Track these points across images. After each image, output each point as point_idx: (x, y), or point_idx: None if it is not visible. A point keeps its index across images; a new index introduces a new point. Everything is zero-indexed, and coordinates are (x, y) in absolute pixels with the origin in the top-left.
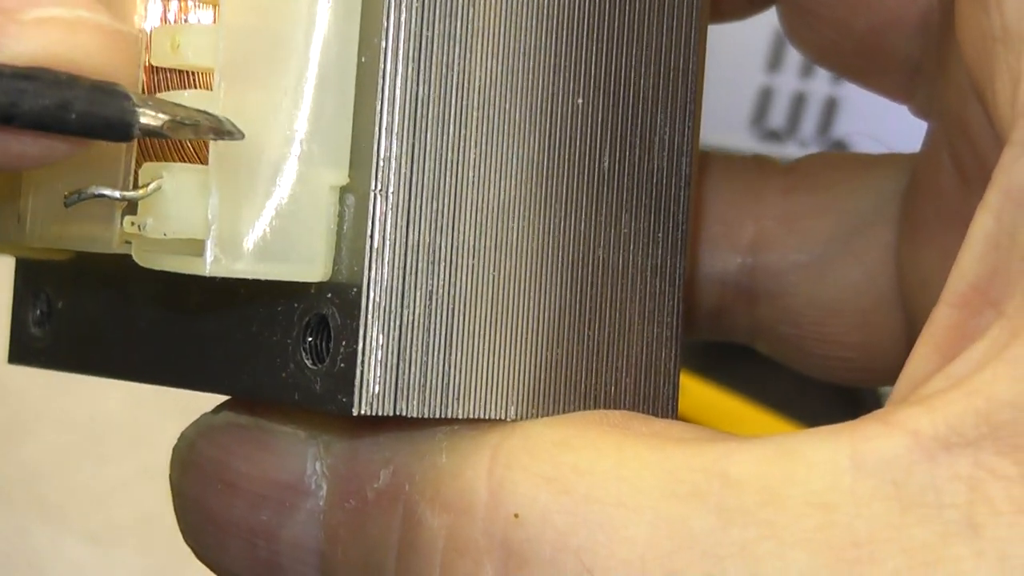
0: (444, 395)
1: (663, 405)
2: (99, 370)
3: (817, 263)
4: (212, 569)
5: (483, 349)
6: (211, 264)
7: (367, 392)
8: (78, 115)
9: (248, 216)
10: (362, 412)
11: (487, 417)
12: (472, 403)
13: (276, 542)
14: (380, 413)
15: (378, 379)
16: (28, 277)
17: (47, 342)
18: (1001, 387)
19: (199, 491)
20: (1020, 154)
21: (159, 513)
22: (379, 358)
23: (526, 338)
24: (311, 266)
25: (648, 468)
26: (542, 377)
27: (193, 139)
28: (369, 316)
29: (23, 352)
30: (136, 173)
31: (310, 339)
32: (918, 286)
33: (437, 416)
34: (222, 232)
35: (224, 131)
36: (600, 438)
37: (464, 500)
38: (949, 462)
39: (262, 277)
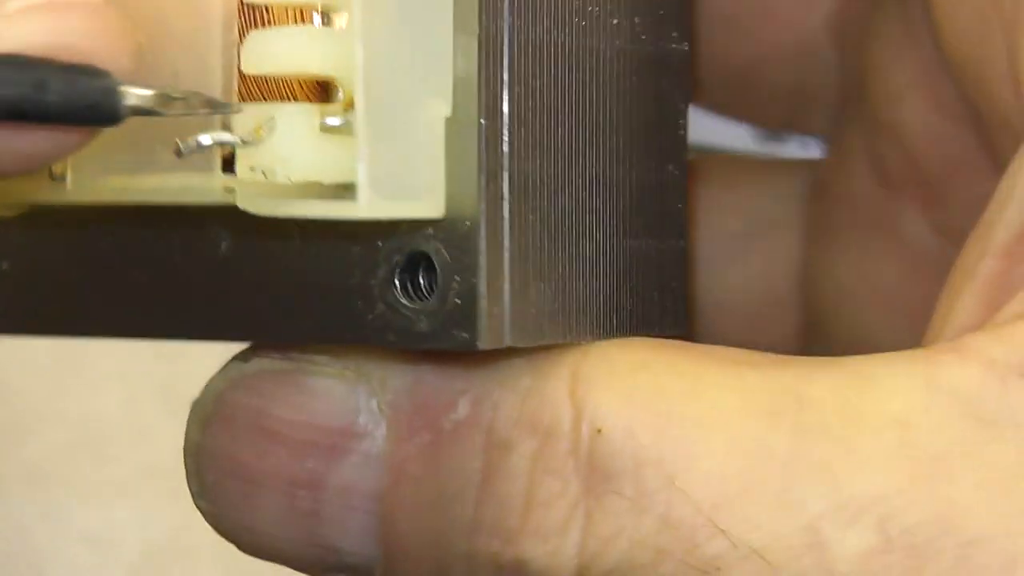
0: (538, 323)
1: (675, 322)
2: (77, 329)
3: (715, 260)
4: (232, 532)
5: (572, 275)
6: (367, 206)
7: (490, 326)
8: (57, 97)
9: (382, 155)
10: (485, 347)
11: (574, 341)
12: (565, 329)
13: (322, 490)
14: (500, 346)
15: (498, 312)
16: None
17: None
18: None
19: (228, 444)
20: None
21: (159, 513)
22: (497, 290)
23: (601, 264)
24: (434, 202)
25: (724, 388)
26: (610, 303)
27: (187, 113)
28: (487, 248)
29: None
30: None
31: (402, 278)
32: (833, 293)
33: (543, 343)
34: (371, 169)
35: (217, 106)
36: (674, 360)
37: (549, 420)
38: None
39: (397, 216)
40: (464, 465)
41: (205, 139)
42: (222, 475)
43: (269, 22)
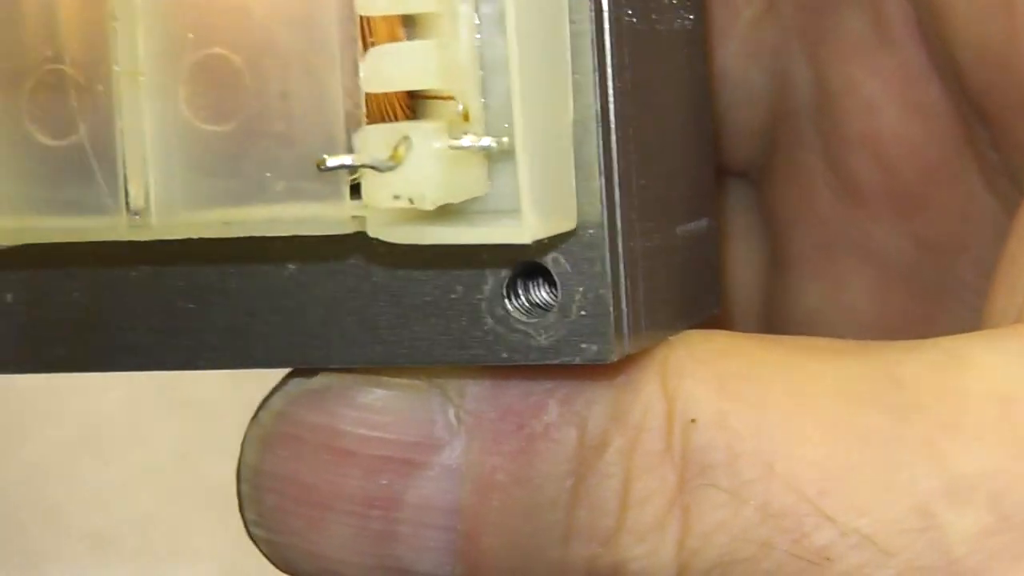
0: (650, 324)
1: (715, 302)
2: (111, 364)
3: None
4: (293, 562)
5: (659, 270)
6: (531, 230)
7: (619, 335)
8: None
9: (537, 173)
10: (617, 358)
11: (668, 335)
12: (662, 325)
13: (398, 508)
14: (624, 355)
15: (624, 321)
16: None
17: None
18: None
19: (292, 466)
20: None
21: (159, 513)
22: (619, 299)
23: (675, 254)
24: (571, 215)
25: (815, 375)
26: (683, 291)
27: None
28: (611, 256)
29: None
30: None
31: (516, 292)
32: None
33: (650, 345)
34: (531, 192)
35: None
36: (760, 349)
37: (642, 413)
38: None
39: (548, 235)
40: (556, 469)
41: (347, 160)
42: (285, 500)
43: (368, 35)
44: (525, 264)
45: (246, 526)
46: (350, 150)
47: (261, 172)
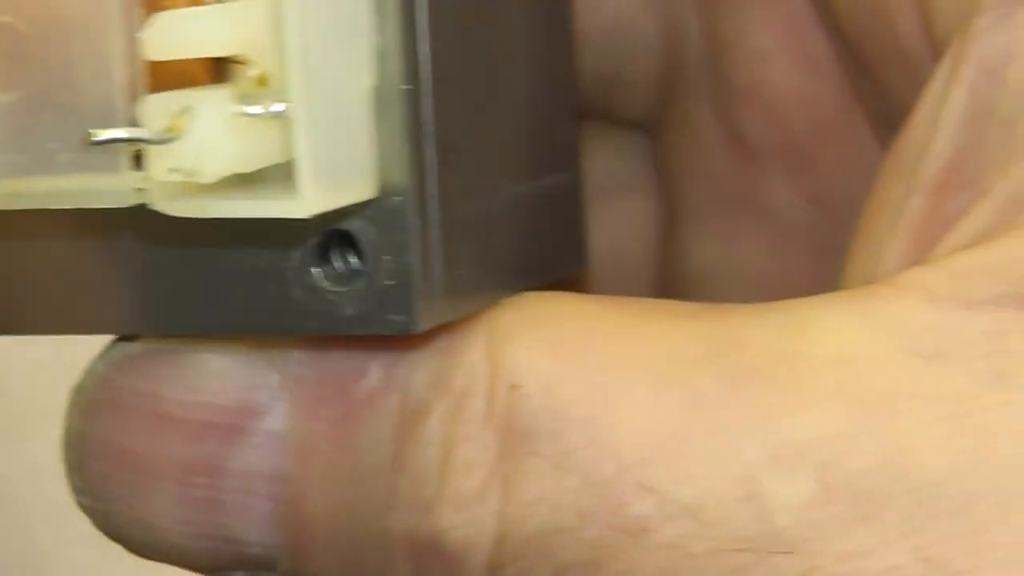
0: (474, 289)
1: (578, 258)
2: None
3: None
4: (120, 530)
5: (490, 233)
6: (311, 204)
7: (427, 306)
8: None
9: (320, 143)
10: (423, 329)
11: (498, 300)
12: (490, 289)
13: (220, 475)
14: (437, 323)
15: (431, 290)
16: None
17: None
18: (1017, 248)
19: (116, 433)
20: (991, 23)
21: None
22: (430, 267)
23: (513, 215)
24: (367, 185)
25: (653, 336)
26: (522, 252)
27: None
28: (420, 224)
29: None
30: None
31: (324, 260)
32: (692, 275)
33: (474, 311)
34: (312, 163)
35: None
36: (599, 309)
37: (465, 378)
38: (968, 318)
39: (334, 207)
40: (378, 435)
41: (119, 133)
42: (110, 466)
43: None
44: (332, 232)
45: (74, 495)
46: (133, 121)
47: (45, 143)
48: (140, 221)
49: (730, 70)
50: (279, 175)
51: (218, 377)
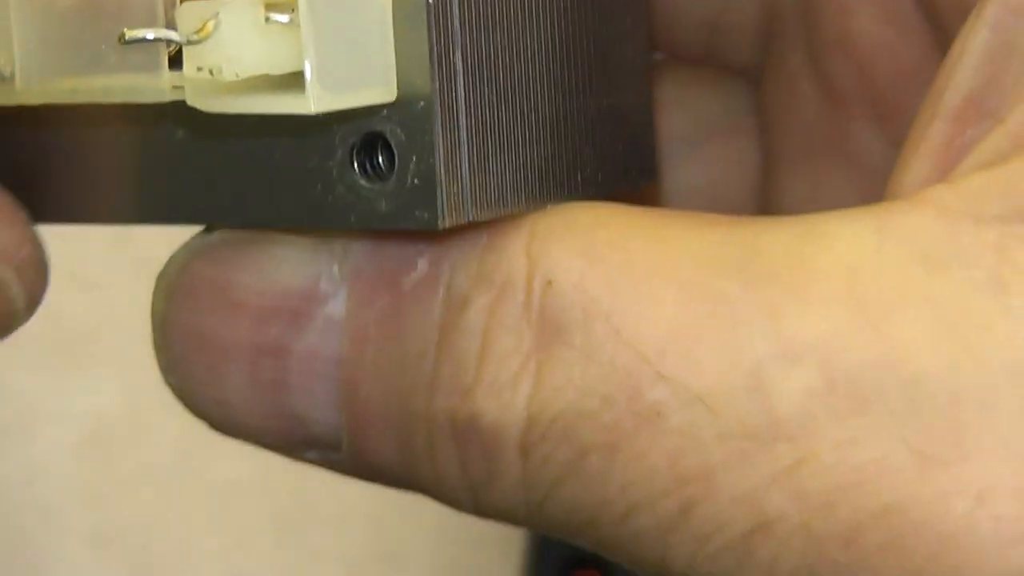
0: (500, 195)
1: (648, 171)
2: (42, 217)
3: (664, 163)
4: (202, 407)
5: (533, 142)
6: (315, 101)
7: (450, 204)
8: None
9: (330, 45)
10: (446, 225)
11: (539, 207)
12: (529, 195)
13: (286, 357)
14: (463, 222)
15: (457, 190)
16: None
17: None
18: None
19: (193, 316)
20: None
21: (159, 513)
22: (456, 168)
23: (564, 127)
24: (386, 87)
25: (681, 242)
26: (574, 163)
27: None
28: (443, 128)
29: None
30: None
31: (361, 160)
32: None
33: (507, 214)
34: (317, 65)
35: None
36: (634, 218)
37: (504, 273)
38: (976, 231)
39: (346, 107)
40: (425, 323)
41: (149, 34)
42: (188, 347)
43: None
44: (371, 134)
45: (162, 374)
46: (172, 25)
47: (98, 44)
48: (194, 121)
49: (821, 22)
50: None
51: (285, 266)
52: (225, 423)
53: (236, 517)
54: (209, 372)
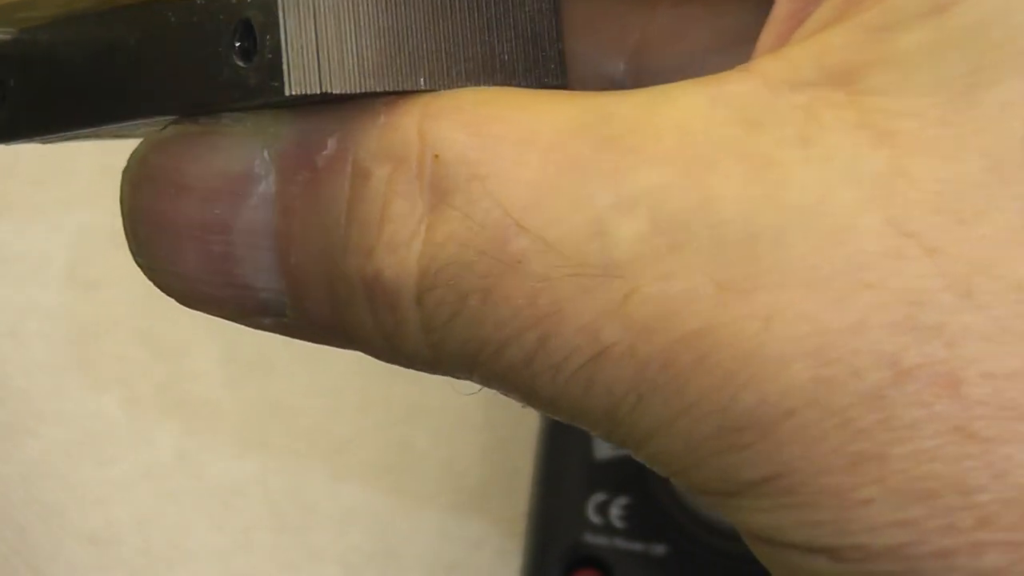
0: (361, 71)
1: (553, 71)
2: (50, 129)
3: (695, 73)
4: (166, 283)
5: (391, 25)
6: None
7: (294, 74)
8: None
9: None
10: (292, 92)
11: (401, 89)
12: (387, 76)
13: (230, 232)
14: (308, 91)
15: (301, 62)
16: None
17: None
18: (836, 39)
19: (151, 201)
20: None
21: (159, 513)
22: (299, 43)
23: (427, 14)
24: None
25: (548, 114)
26: (444, 50)
27: None
28: (284, 6)
29: None
30: None
31: (239, 43)
32: None
33: (356, 91)
34: None
35: None
36: (514, 97)
37: (400, 149)
38: (790, 95)
39: None
40: (337, 195)
41: None
42: (150, 230)
43: None
44: (242, 20)
45: (132, 257)
46: None
47: None
48: (112, 22)
49: None
50: None
51: (225, 152)
52: (187, 296)
53: (236, 517)
54: (169, 250)
